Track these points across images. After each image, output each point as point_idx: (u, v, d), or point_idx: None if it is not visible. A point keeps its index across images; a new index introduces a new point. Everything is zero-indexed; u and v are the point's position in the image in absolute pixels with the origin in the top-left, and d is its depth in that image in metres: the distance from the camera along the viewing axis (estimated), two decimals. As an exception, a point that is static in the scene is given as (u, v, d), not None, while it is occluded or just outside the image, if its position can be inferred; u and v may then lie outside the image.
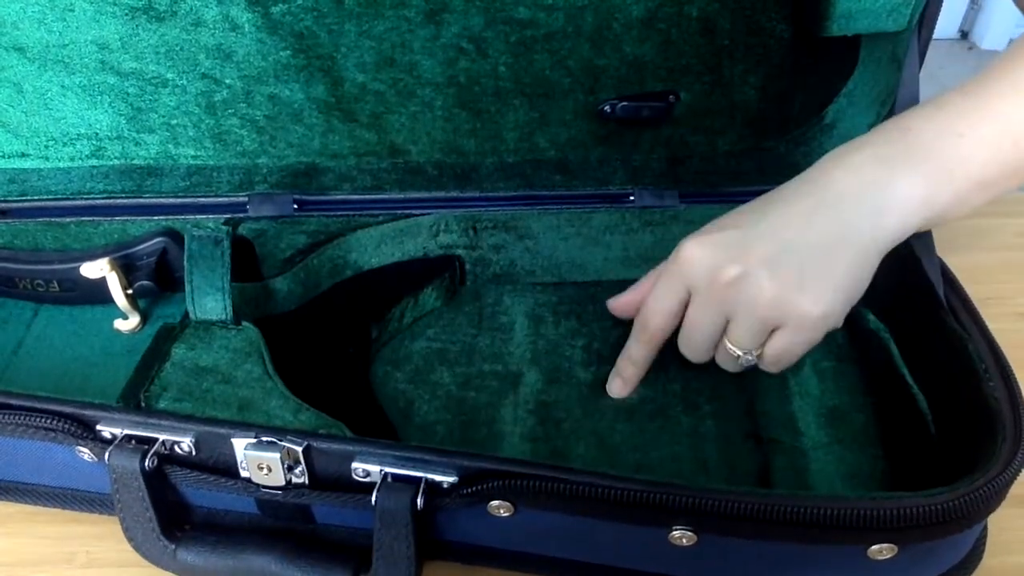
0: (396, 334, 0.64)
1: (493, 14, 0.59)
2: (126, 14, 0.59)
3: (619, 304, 0.61)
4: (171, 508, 0.50)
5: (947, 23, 2.48)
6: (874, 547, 0.43)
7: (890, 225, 0.50)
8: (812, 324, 0.51)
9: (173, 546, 0.49)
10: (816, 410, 0.57)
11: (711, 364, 0.56)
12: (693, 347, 0.55)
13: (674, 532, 0.44)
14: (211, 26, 0.60)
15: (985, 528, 0.50)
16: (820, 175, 0.52)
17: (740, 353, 0.53)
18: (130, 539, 0.49)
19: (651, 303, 0.56)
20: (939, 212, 0.51)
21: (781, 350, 0.52)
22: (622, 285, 0.61)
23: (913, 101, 0.61)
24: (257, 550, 0.48)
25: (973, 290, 0.56)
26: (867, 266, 0.51)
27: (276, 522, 0.51)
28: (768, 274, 0.50)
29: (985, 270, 0.70)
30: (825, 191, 0.51)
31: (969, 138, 0.50)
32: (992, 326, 0.53)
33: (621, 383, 0.60)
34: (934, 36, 0.62)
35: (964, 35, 2.53)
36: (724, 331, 0.53)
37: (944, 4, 0.60)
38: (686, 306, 0.54)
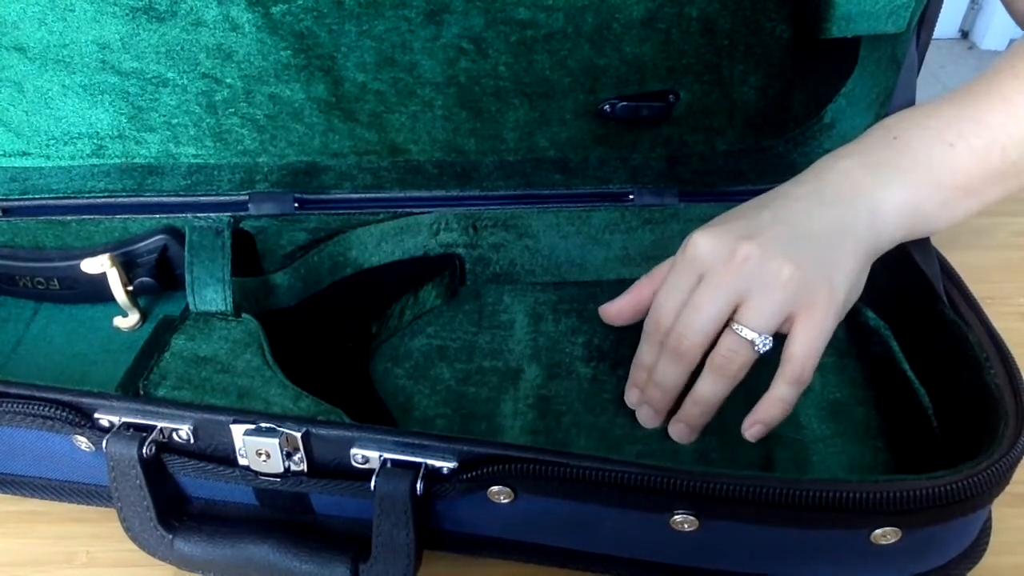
0: (396, 331, 0.64)
1: (493, 14, 0.60)
2: (126, 14, 0.60)
3: (613, 309, 0.57)
4: (169, 499, 0.50)
5: (947, 23, 2.51)
6: (877, 531, 0.43)
7: (881, 229, 0.50)
8: (833, 308, 0.49)
9: (170, 536, 0.48)
10: (817, 404, 0.57)
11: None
12: (694, 328, 0.50)
13: (675, 517, 0.44)
14: (211, 26, 0.60)
15: (990, 518, 0.49)
16: (813, 177, 0.53)
17: (755, 336, 0.49)
18: (127, 529, 0.49)
19: (662, 299, 0.52)
20: (925, 220, 0.51)
21: (804, 346, 0.49)
22: (622, 284, 0.61)
23: (909, 102, 0.62)
24: (255, 539, 0.47)
25: (972, 289, 0.56)
26: (865, 266, 0.51)
27: (275, 513, 0.51)
28: (784, 256, 0.49)
29: (984, 269, 0.70)
30: (820, 192, 0.51)
31: (958, 148, 0.51)
32: (991, 326, 0.53)
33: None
34: (934, 36, 0.62)
35: (964, 35, 2.55)
36: (732, 316, 0.50)
37: (944, 4, 0.61)
38: None
